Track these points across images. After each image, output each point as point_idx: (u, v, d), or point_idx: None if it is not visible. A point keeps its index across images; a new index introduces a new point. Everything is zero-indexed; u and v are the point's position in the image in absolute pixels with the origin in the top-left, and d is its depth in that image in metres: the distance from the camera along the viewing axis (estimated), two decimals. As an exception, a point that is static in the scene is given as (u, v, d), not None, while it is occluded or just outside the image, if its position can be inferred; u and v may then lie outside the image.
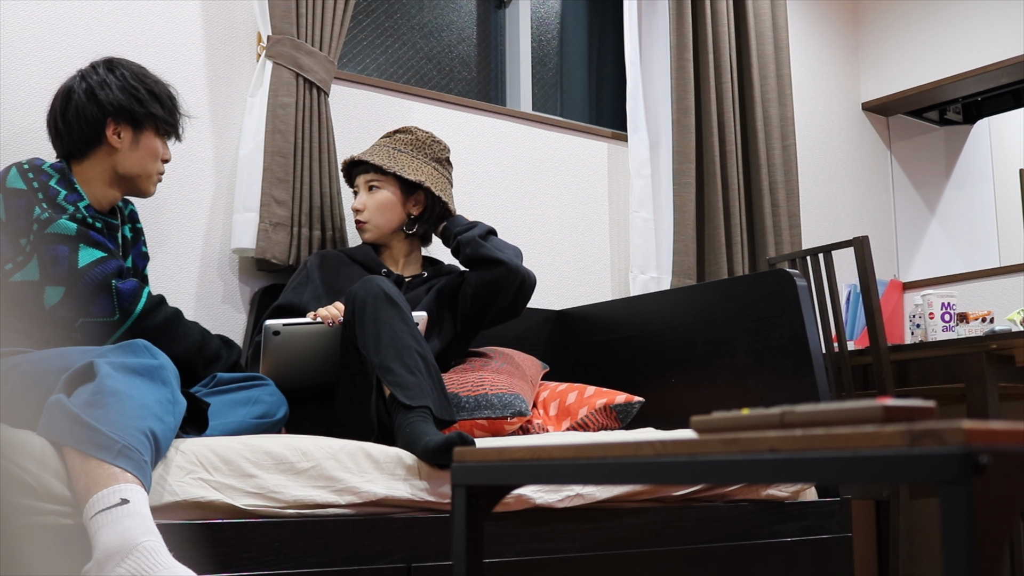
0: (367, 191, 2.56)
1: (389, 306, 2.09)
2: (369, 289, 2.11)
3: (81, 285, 1.95)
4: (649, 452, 1.03)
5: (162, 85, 2.18)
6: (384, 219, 2.54)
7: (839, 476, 0.86)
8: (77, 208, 2.03)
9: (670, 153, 3.36)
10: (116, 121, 2.10)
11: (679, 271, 3.26)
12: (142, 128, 2.13)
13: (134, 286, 2.02)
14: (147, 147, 2.14)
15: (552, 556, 1.92)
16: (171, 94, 2.19)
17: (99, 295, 1.97)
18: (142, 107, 2.11)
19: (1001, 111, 4.15)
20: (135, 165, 2.13)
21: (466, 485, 1.25)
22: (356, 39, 3.11)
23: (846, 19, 4.26)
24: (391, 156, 2.53)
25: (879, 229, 4.16)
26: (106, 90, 2.09)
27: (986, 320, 3.24)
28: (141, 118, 2.11)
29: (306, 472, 1.73)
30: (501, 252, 2.46)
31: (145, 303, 2.03)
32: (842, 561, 2.28)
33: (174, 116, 2.18)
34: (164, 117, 2.15)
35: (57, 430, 1.51)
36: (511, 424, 2.31)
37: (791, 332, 2.39)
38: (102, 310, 1.98)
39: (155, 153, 2.16)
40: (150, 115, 2.12)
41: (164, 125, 2.16)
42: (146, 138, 2.14)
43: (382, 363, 2.02)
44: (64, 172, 2.08)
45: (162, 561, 1.39)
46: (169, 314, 2.08)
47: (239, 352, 2.23)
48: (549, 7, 3.61)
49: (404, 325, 2.08)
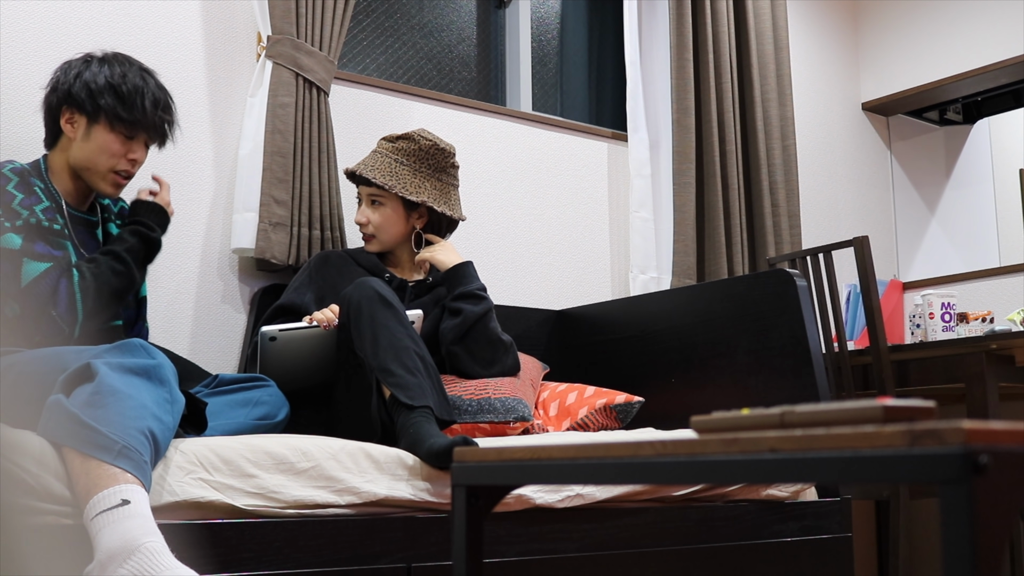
0: (369, 205, 2.53)
1: (384, 307, 2.08)
2: (363, 291, 2.10)
3: (31, 301, 1.91)
4: (649, 452, 1.03)
5: (138, 84, 2.07)
6: (389, 234, 2.53)
7: (839, 476, 0.86)
8: (32, 212, 1.97)
9: (670, 153, 3.36)
10: (70, 109, 2.06)
11: (679, 271, 3.26)
12: (95, 120, 2.05)
13: (66, 296, 1.93)
14: (98, 141, 2.06)
15: (552, 556, 1.92)
16: (148, 95, 2.08)
17: (51, 305, 1.92)
18: (92, 99, 2.04)
19: (1001, 111, 4.15)
20: (83, 158, 2.07)
21: (466, 485, 1.25)
22: (356, 39, 3.11)
23: (846, 19, 4.26)
24: (392, 172, 2.49)
25: (879, 229, 4.16)
26: (72, 79, 2.06)
27: (986, 320, 3.24)
28: (91, 109, 2.04)
29: (306, 472, 1.73)
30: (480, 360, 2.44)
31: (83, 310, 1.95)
32: (842, 561, 2.28)
33: (132, 114, 2.05)
34: (117, 112, 2.04)
35: (57, 430, 1.51)
36: (513, 429, 2.31)
37: (791, 332, 2.38)
38: (62, 316, 1.93)
39: (107, 149, 2.06)
40: (98, 107, 2.04)
41: (116, 121, 2.05)
42: (98, 131, 2.06)
43: (381, 365, 2.02)
44: (27, 173, 2.03)
45: (164, 562, 1.39)
46: (105, 281, 1.99)
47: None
48: (549, 7, 3.61)
49: (400, 326, 2.08)
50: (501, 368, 2.45)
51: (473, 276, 2.50)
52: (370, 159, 2.54)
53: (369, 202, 2.53)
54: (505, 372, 2.46)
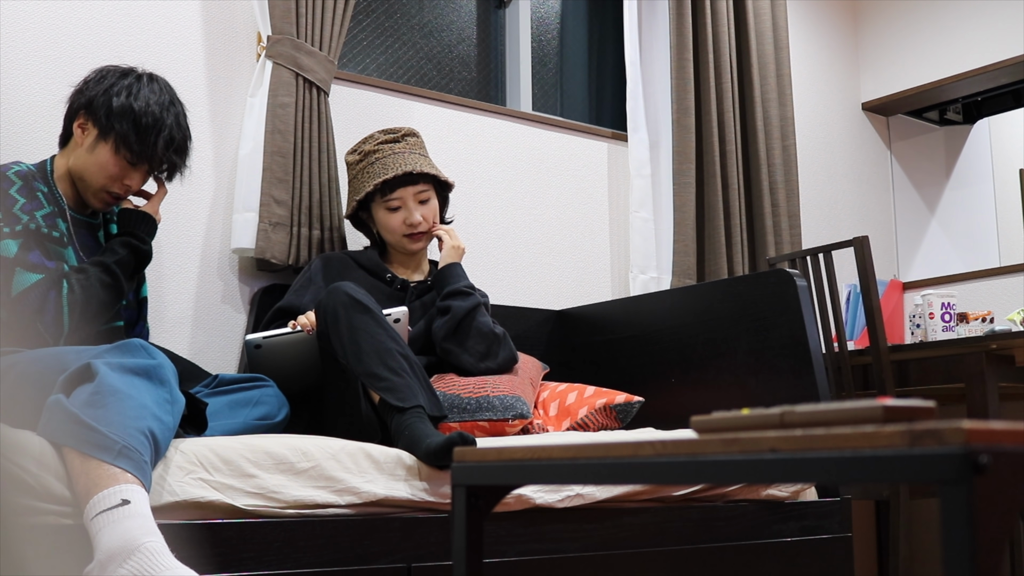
0: (418, 204, 2.52)
1: (360, 312, 2.06)
2: (337, 298, 2.08)
3: (19, 310, 1.90)
4: (649, 452, 1.03)
5: (158, 118, 2.05)
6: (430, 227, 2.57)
7: (839, 476, 0.86)
8: (32, 217, 1.96)
9: (670, 153, 3.36)
10: (85, 116, 2.06)
11: (679, 271, 3.26)
12: (104, 138, 2.04)
13: (53, 308, 1.92)
14: (100, 158, 2.05)
15: (552, 556, 1.92)
16: (164, 132, 2.06)
17: (38, 317, 1.91)
18: (109, 117, 2.03)
19: (1001, 111, 4.15)
20: (81, 167, 2.06)
21: (466, 485, 1.25)
22: (356, 39, 3.11)
23: (846, 19, 4.26)
24: (429, 164, 2.55)
25: (879, 229, 4.16)
26: (100, 89, 2.05)
27: (986, 320, 3.24)
28: (105, 126, 2.03)
29: (306, 472, 1.73)
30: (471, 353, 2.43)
31: (68, 322, 1.92)
32: (842, 561, 2.28)
33: (142, 148, 2.04)
34: (128, 140, 2.03)
35: (57, 430, 1.51)
36: (512, 426, 2.31)
37: (791, 332, 2.38)
38: (48, 328, 1.92)
39: (106, 169, 2.05)
40: (111, 128, 2.02)
41: (123, 147, 2.03)
42: (103, 149, 2.05)
43: (366, 370, 2.01)
44: (31, 176, 2.02)
45: (164, 562, 1.39)
46: (93, 294, 1.97)
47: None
48: (549, 7, 3.61)
49: (380, 328, 2.06)
50: (496, 360, 2.45)
51: (460, 275, 2.52)
52: (405, 159, 2.51)
53: (417, 201, 2.53)
54: (502, 365, 2.46)
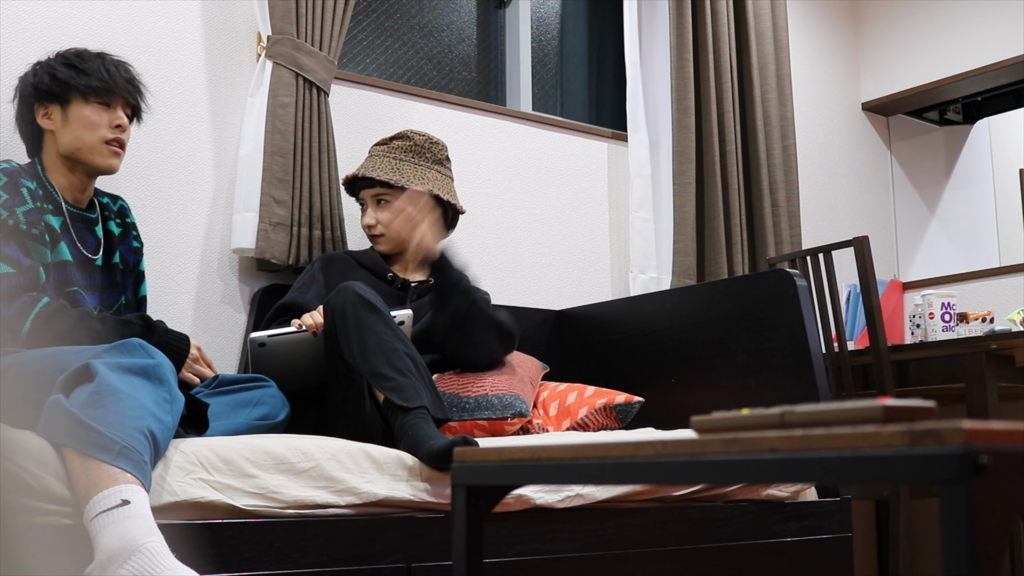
0: (375, 205, 2.55)
1: (369, 311, 2.07)
2: (346, 297, 2.09)
3: None
4: (649, 452, 1.03)
5: (94, 58, 2.10)
6: (397, 231, 2.53)
7: (839, 476, 0.86)
8: (12, 213, 1.96)
9: (670, 153, 3.36)
10: (40, 103, 2.09)
11: (679, 271, 3.26)
12: (67, 100, 2.07)
13: (19, 307, 1.89)
14: (78, 118, 2.07)
15: (552, 556, 1.92)
16: (108, 62, 2.10)
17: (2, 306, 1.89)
18: (58, 83, 2.06)
19: (1001, 111, 4.15)
20: (71, 140, 2.08)
21: (466, 485, 1.25)
22: (356, 39, 3.11)
23: (846, 19, 4.26)
24: (395, 168, 2.52)
25: (879, 229, 4.16)
26: (25, 82, 2.10)
27: (986, 320, 3.24)
28: (61, 92, 2.06)
29: (306, 472, 1.73)
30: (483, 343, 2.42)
31: (31, 323, 1.89)
32: (842, 561, 2.28)
33: (100, 80, 2.07)
34: (87, 83, 2.06)
35: (56, 430, 1.51)
36: (511, 425, 2.31)
37: (791, 332, 2.38)
38: (5, 321, 1.89)
39: (89, 122, 2.07)
40: (67, 87, 2.06)
41: (88, 92, 2.06)
42: (74, 109, 2.07)
43: (372, 369, 2.02)
44: (17, 173, 2.03)
45: (165, 562, 1.39)
46: (64, 326, 1.92)
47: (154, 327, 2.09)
48: (549, 7, 3.61)
49: (387, 328, 2.07)
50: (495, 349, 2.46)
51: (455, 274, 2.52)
52: (369, 163, 2.56)
53: (375, 203, 2.54)
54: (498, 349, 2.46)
